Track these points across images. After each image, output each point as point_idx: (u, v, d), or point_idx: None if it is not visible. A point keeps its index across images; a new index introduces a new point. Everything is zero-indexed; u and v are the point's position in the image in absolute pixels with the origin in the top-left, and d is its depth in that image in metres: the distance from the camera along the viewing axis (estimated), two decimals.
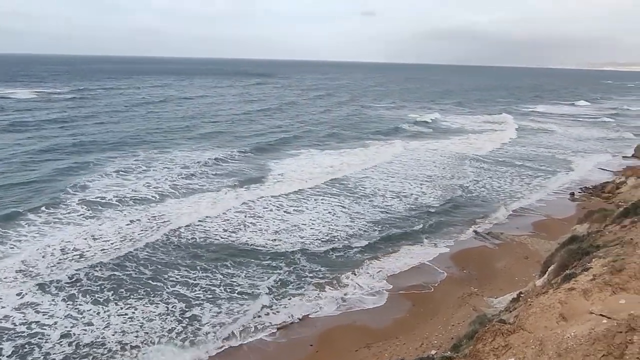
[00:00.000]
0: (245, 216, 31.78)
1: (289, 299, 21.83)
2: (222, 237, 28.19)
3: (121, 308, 20.35)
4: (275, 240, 28.20)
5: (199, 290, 22.18)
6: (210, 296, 21.68)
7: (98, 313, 19.88)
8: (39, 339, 18.10)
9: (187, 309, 20.51)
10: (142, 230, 28.44)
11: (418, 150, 55.93)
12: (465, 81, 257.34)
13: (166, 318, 19.76)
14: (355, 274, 24.42)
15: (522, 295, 17.15)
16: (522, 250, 27.54)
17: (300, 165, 46.40)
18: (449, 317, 20.49)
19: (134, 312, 20.06)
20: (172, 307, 20.59)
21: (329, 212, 33.21)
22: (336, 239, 28.64)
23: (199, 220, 30.43)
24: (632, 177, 39.19)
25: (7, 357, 16.99)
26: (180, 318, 19.86)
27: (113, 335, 18.47)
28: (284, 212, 32.96)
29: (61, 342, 17.99)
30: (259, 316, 20.39)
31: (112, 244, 26.47)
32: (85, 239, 26.86)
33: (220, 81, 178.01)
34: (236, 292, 22.20)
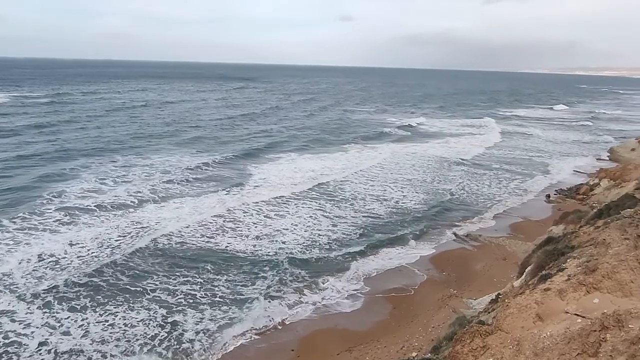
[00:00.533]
0: (225, 221, 31.58)
1: (270, 304, 21.75)
2: (202, 243, 27.94)
3: (100, 315, 20.02)
4: (256, 245, 28.08)
5: (180, 295, 21.95)
6: (192, 301, 21.48)
7: (75, 321, 19.53)
8: (16, 347, 17.72)
9: (168, 315, 20.28)
10: (120, 237, 28.04)
11: (400, 154, 56.37)
12: (443, 85, 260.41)
13: (148, 324, 19.53)
14: (336, 278, 24.47)
15: (500, 296, 17.42)
16: (501, 251, 27.99)
17: (283, 170, 46.37)
18: (429, 319, 20.69)
19: (113, 319, 19.75)
20: (153, 313, 20.35)
21: (311, 217, 33.24)
22: (318, 244, 28.67)
23: (179, 226, 30.13)
24: (605, 179, 40.19)
25: None
26: (162, 323, 19.66)
27: (91, 344, 18.16)
28: (265, 216, 32.85)
29: (40, 350, 17.68)
30: (239, 321, 20.28)
31: (89, 250, 26.03)
32: (63, 245, 26.35)
33: (200, 85, 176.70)
34: (217, 296, 22.05)
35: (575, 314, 9.75)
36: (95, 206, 32.58)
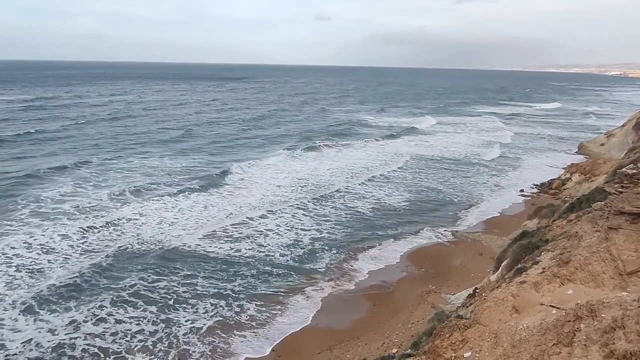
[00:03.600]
0: (203, 220, 31.31)
1: (252, 304, 21.62)
2: (183, 244, 27.57)
3: (85, 315, 19.70)
4: (238, 245, 27.89)
5: (156, 295, 21.71)
6: (171, 303, 21.22)
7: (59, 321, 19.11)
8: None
9: (161, 313, 20.20)
10: (97, 239, 27.52)
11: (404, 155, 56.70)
12: (434, 84, 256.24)
13: (140, 322, 19.22)
14: (317, 277, 24.47)
15: (477, 290, 17.70)
16: (477, 247, 28.43)
17: (271, 170, 46.18)
18: (408, 315, 20.87)
19: (94, 319, 19.41)
20: (143, 310, 20.06)
21: (293, 216, 33.18)
22: (300, 243, 28.61)
23: (159, 228, 29.84)
24: (576, 174, 41.17)
25: None
26: (156, 320, 19.46)
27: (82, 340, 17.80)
28: (247, 217, 32.62)
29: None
30: (221, 321, 20.11)
31: (65, 252, 25.59)
32: (39, 247, 25.93)
33: (179, 85, 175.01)
34: (198, 294, 21.86)
35: (550, 306, 9.96)
36: (72, 209, 32.05)
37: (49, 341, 18.25)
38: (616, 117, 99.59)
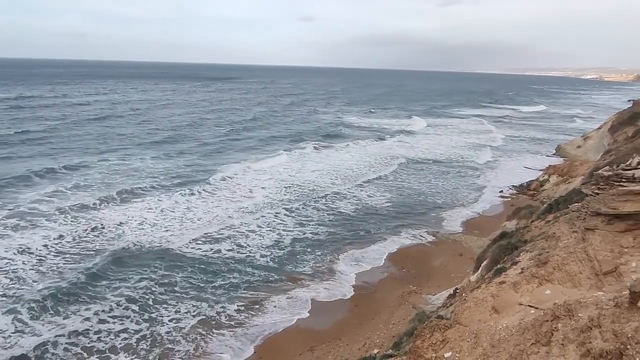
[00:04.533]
0: (185, 221, 30.99)
1: (233, 305, 21.45)
2: (164, 246, 27.21)
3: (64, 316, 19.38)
4: (219, 246, 27.65)
5: (139, 297, 21.40)
6: (153, 304, 20.92)
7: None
8: None
9: (143, 312, 19.86)
10: (74, 240, 27.01)
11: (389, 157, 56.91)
12: (420, 86, 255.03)
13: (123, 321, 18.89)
14: (299, 278, 24.41)
15: (457, 291, 17.86)
16: (457, 247, 28.69)
17: (259, 172, 45.76)
18: (389, 316, 20.95)
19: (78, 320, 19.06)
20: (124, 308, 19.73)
21: (276, 216, 33.01)
22: (282, 244, 28.51)
23: (140, 229, 29.51)
24: (553, 175, 41.88)
25: None
26: (140, 319, 19.13)
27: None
28: (228, 217, 32.38)
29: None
30: (202, 322, 19.93)
31: (43, 253, 25.11)
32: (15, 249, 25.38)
33: (165, 85, 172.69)
34: (178, 296, 21.60)
35: (529, 305, 10.09)
36: (53, 210, 31.48)
37: (31, 341, 17.97)
38: (600, 119, 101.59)
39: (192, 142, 59.53)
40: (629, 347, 6.51)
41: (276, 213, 33.68)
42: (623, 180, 11.47)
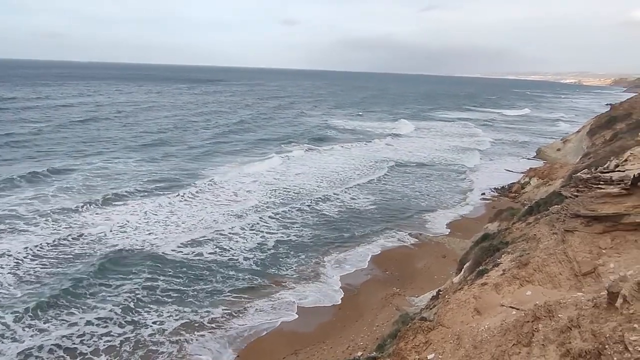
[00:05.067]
0: (169, 224, 30.69)
1: (215, 309, 21.28)
2: (146, 249, 26.86)
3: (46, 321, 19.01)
4: (203, 249, 27.42)
5: (123, 301, 21.09)
6: (135, 308, 20.64)
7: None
8: None
9: (127, 315, 19.60)
10: (54, 244, 26.52)
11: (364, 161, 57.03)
12: (405, 89, 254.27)
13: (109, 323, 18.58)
14: (282, 281, 24.32)
15: (440, 292, 17.97)
16: (440, 249, 28.91)
17: (246, 175, 45.49)
18: (373, 318, 21.01)
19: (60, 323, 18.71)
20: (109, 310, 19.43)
21: (260, 219, 32.88)
22: (266, 247, 28.37)
23: (123, 232, 29.15)
24: (534, 178, 42.50)
25: None
26: (122, 322, 18.88)
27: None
28: (213, 220, 32.14)
29: None
30: (183, 327, 19.73)
31: (23, 257, 24.65)
32: None
33: (149, 86, 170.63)
34: (161, 300, 21.37)
35: (510, 307, 10.21)
36: (32, 214, 30.90)
37: (14, 347, 17.74)
38: (582, 123, 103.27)
39: (178, 145, 58.82)
40: (607, 346, 6.62)
41: (261, 216, 33.51)
42: (601, 182, 11.68)
